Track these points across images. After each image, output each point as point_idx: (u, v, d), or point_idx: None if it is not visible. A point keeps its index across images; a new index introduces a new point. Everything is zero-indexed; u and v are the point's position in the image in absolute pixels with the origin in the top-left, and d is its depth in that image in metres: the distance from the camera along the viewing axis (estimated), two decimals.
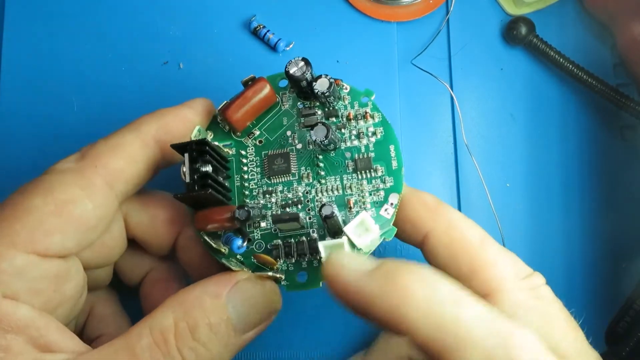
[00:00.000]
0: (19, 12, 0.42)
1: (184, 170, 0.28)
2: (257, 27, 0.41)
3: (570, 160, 0.41)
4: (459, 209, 0.40)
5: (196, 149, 0.28)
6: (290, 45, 0.41)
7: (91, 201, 0.28)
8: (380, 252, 0.40)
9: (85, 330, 0.34)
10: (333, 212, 0.27)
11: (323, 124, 0.29)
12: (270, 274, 0.29)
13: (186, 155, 0.29)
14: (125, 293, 0.36)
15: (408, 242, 0.31)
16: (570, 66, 0.40)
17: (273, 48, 0.41)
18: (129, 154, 0.29)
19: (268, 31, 0.41)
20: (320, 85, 0.30)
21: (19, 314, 0.25)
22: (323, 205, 0.28)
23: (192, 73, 0.41)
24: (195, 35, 0.42)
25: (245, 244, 0.29)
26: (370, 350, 0.35)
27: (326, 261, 0.25)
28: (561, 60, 0.40)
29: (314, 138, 0.29)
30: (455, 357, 0.21)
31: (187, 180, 0.28)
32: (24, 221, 0.26)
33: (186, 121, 0.31)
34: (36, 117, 0.40)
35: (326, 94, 0.30)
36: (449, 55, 0.42)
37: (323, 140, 0.29)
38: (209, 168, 0.29)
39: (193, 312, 0.27)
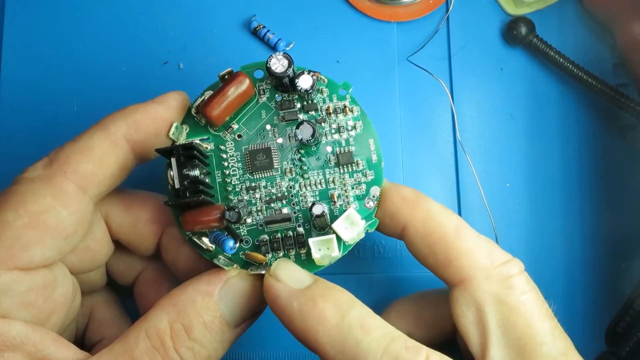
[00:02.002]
0: (19, 12, 0.42)
1: (172, 175, 0.28)
2: (257, 27, 0.41)
3: (570, 160, 0.41)
4: (459, 208, 0.40)
5: (184, 154, 0.28)
6: (290, 45, 0.41)
7: (65, 208, 0.27)
8: (381, 251, 0.40)
9: (87, 335, 0.34)
10: (324, 212, 0.28)
11: (309, 122, 0.29)
12: (263, 272, 0.29)
13: (174, 160, 0.28)
14: (125, 293, 0.36)
15: (389, 234, 0.31)
16: (570, 66, 0.40)
17: (273, 48, 0.41)
18: (98, 156, 0.28)
19: (268, 31, 0.41)
20: (304, 83, 0.30)
21: (13, 332, 0.25)
22: (313, 204, 0.28)
23: (192, 73, 0.41)
24: (195, 35, 0.42)
25: (237, 244, 0.29)
26: None
27: (268, 272, 0.28)
28: (561, 60, 0.40)
29: (299, 137, 0.29)
30: None
31: (177, 186, 0.28)
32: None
33: (158, 118, 0.30)
34: (36, 117, 0.40)
35: (309, 91, 0.30)
36: (449, 55, 0.42)
37: (309, 139, 0.29)
38: (197, 172, 0.28)
39: (187, 313, 0.27)
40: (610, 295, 0.39)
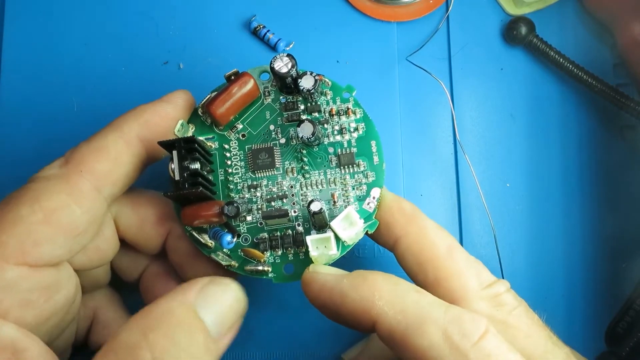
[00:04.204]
0: (19, 12, 0.42)
1: (173, 167, 0.28)
2: (257, 27, 0.41)
3: (570, 160, 0.41)
4: (459, 208, 0.40)
5: (184, 147, 0.28)
6: (290, 45, 0.41)
7: (79, 207, 0.27)
8: (381, 251, 0.40)
9: (91, 337, 0.34)
10: (321, 208, 0.28)
11: (310, 121, 0.30)
12: (260, 267, 0.29)
13: (175, 152, 0.28)
14: (126, 291, 0.36)
15: (381, 244, 0.31)
16: (570, 66, 0.40)
17: (273, 48, 0.41)
18: (114, 156, 0.29)
19: (268, 31, 0.41)
20: (306, 82, 0.30)
21: (2, 333, 0.25)
22: (311, 201, 0.28)
23: (192, 73, 0.41)
24: (195, 35, 0.42)
25: (235, 239, 0.29)
26: (371, 337, 0.36)
27: (305, 271, 0.28)
28: (561, 60, 0.40)
29: (300, 135, 0.30)
30: (418, 334, 0.24)
31: (177, 178, 0.28)
32: (11, 232, 0.26)
33: (167, 117, 0.30)
34: (36, 117, 0.40)
35: (311, 91, 0.30)
36: (449, 55, 0.42)
37: (310, 137, 0.30)
38: (197, 165, 0.29)
39: (164, 320, 0.24)
40: (610, 295, 0.39)
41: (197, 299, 0.25)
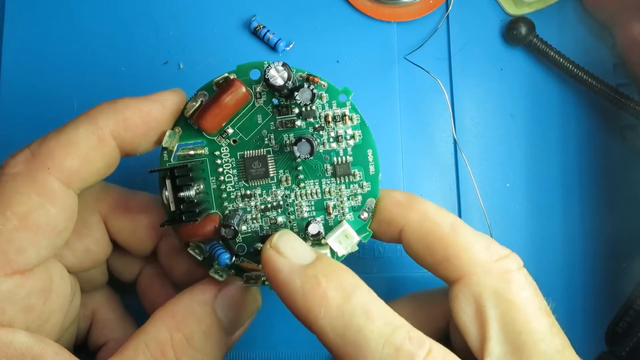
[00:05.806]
0: (19, 12, 0.42)
1: (167, 195, 0.28)
2: (257, 27, 0.41)
3: (570, 160, 0.41)
4: (459, 207, 0.40)
5: (179, 176, 0.28)
6: (290, 45, 0.41)
7: (53, 206, 0.26)
8: (381, 251, 0.40)
9: (91, 337, 0.34)
10: (320, 232, 0.28)
11: (307, 140, 0.28)
12: (255, 286, 0.30)
13: (168, 182, 0.28)
14: (125, 291, 0.36)
15: (388, 240, 0.31)
16: (570, 66, 0.40)
17: (273, 48, 0.41)
18: (84, 152, 0.27)
19: (268, 31, 0.41)
20: (303, 97, 0.28)
21: (16, 343, 0.25)
22: (309, 223, 0.28)
23: (192, 73, 0.41)
24: (195, 35, 0.42)
25: (232, 259, 0.29)
26: None
27: (270, 244, 0.26)
28: (561, 60, 0.40)
29: (297, 154, 0.28)
30: None
31: (172, 209, 0.28)
32: None
33: (149, 118, 0.28)
34: (36, 117, 0.40)
35: (307, 105, 0.29)
36: (448, 55, 0.42)
37: (307, 157, 0.29)
38: (192, 192, 0.28)
39: (187, 321, 0.27)
40: (610, 295, 0.39)
41: (217, 298, 0.28)
